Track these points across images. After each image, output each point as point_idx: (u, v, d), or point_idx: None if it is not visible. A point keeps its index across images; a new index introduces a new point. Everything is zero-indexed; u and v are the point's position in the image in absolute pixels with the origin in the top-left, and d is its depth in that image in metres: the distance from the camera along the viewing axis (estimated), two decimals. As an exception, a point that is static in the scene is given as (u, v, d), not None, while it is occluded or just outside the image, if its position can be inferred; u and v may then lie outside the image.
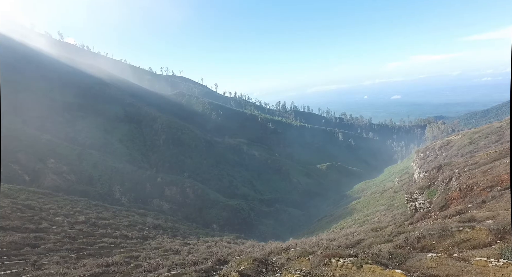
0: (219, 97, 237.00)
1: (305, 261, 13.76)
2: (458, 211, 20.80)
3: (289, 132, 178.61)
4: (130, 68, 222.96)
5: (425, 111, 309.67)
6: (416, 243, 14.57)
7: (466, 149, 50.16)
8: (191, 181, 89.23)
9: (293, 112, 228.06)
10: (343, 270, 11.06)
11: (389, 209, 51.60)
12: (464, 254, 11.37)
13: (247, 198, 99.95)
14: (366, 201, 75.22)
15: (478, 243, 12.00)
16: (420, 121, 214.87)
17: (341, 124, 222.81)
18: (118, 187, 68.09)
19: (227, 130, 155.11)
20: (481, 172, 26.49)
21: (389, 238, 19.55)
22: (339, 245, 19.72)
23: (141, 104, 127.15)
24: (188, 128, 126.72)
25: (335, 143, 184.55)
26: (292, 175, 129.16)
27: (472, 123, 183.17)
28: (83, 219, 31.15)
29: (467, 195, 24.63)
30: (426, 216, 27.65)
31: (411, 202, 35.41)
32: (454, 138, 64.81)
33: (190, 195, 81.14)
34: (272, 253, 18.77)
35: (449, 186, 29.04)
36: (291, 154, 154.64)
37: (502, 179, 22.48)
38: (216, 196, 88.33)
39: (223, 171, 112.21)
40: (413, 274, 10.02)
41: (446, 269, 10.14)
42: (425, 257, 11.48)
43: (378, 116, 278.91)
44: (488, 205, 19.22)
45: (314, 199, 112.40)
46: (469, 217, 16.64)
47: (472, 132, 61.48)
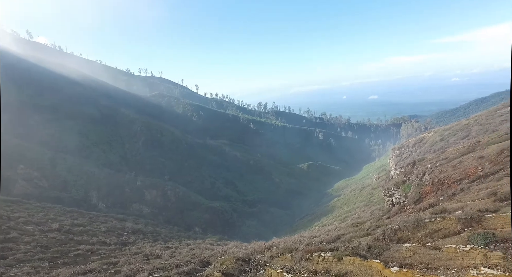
0: (200, 98, 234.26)
1: (288, 258, 13.91)
2: (431, 204, 21.86)
3: (270, 132, 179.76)
4: (106, 69, 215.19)
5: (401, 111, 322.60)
6: (393, 235, 15.14)
7: (437, 145, 52.78)
8: (172, 183, 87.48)
9: (274, 113, 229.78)
10: (324, 263, 11.29)
11: (368, 205, 53.24)
12: (436, 243, 11.96)
13: (229, 199, 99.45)
14: (346, 198, 77.16)
15: (448, 232, 12.67)
16: (395, 120, 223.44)
17: (321, 124, 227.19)
18: (95, 192, 65.47)
19: (209, 132, 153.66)
20: (451, 166, 27.99)
21: (368, 232, 20.20)
22: (321, 240, 20.11)
23: (118, 106, 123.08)
24: (168, 130, 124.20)
25: (316, 142, 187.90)
26: (274, 175, 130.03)
27: (443, 121, 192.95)
28: (57, 226, 29.68)
29: (439, 188, 25.92)
30: (402, 210, 28.83)
31: (388, 197, 36.76)
32: (427, 135, 68.04)
33: (172, 198, 79.51)
34: (255, 252, 18.83)
35: (423, 180, 30.43)
36: (273, 154, 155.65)
37: (469, 172, 23.87)
38: (198, 198, 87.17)
39: (205, 173, 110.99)
40: (390, 264, 10.40)
41: (420, 257, 10.63)
42: (401, 248, 11.97)
43: (357, 116, 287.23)
44: (457, 197, 20.33)
45: (296, 198, 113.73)
46: (441, 209, 17.53)
47: (443, 129, 64.86)
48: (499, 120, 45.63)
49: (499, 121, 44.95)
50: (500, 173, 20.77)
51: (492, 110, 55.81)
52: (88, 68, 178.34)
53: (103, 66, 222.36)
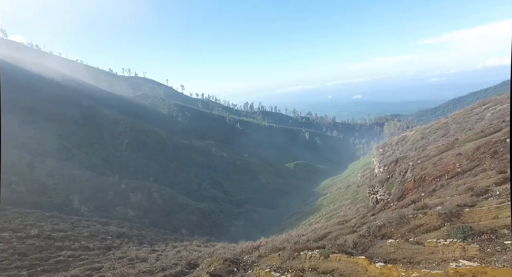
0: (185, 98, 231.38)
1: (276, 257, 13.97)
2: (413, 200, 22.55)
3: (257, 132, 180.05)
4: (87, 69, 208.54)
5: (384, 110, 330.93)
6: (378, 232, 15.51)
7: (419, 143, 54.48)
8: (158, 185, 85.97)
9: (261, 113, 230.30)
10: (311, 261, 11.41)
11: (353, 203, 54.29)
12: (419, 238, 12.35)
13: (217, 200, 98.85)
14: (332, 197, 78.37)
15: (430, 227, 13.11)
16: (379, 119, 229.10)
17: (307, 124, 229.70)
18: (77, 195, 63.37)
19: (195, 132, 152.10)
20: (432, 163, 28.96)
21: (354, 229, 20.61)
22: (308, 239, 20.34)
23: (100, 106, 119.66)
24: (153, 131, 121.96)
25: (302, 141, 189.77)
26: (261, 175, 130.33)
27: (424, 120, 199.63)
28: (36, 232, 28.52)
29: (420, 185, 26.77)
30: (386, 207, 29.59)
31: (373, 194, 37.61)
32: (408, 134, 70.14)
33: (157, 200, 78.12)
34: (243, 252, 18.80)
35: (405, 177, 31.33)
36: (260, 154, 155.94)
37: (448, 169, 24.79)
38: (185, 199, 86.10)
39: (192, 174, 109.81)
40: (375, 259, 10.63)
41: (403, 252, 10.94)
42: (385, 244, 12.27)
43: (342, 115, 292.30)
44: (437, 192, 21.07)
45: (283, 198, 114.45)
46: (422, 205, 18.13)
47: (423, 128, 67.07)
48: (475, 119, 47.65)
49: (475, 120, 46.93)
50: (477, 169, 21.69)
51: (469, 109, 58.22)
52: (68, 68, 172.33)
53: (84, 66, 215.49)
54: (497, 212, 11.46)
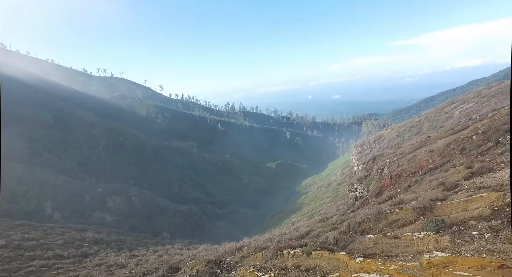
0: (165, 99, 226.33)
1: (259, 257, 14.01)
2: (390, 196, 23.40)
3: (239, 133, 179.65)
4: (59, 69, 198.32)
5: (362, 109, 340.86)
6: (357, 228, 15.97)
7: (394, 141, 56.68)
8: (137, 188, 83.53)
9: (242, 113, 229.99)
10: (294, 259, 11.56)
11: (333, 201, 55.52)
12: (395, 232, 12.85)
13: (198, 202, 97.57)
14: (313, 195, 79.73)
15: (405, 221, 13.68)
16: (357, 119, 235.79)
17: (288, 124, 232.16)
18: (50, 201, 60.20)
19: (175, 134, 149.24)
20: (407, 160, 30.22)
21: (335, 226, 21.09)
22: (290, 237, 20.57)
23: (74, 108, 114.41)
24: (131, 133, 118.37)
25: (283, 141, 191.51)
26: (244, 175, 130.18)
27: (399, 119, 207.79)
28: (3, 242, 26.84)
29: (396, 181, 27.85)
30: (365, 203, 30.49)
31: (352, 192, 38.66)
32: (385, 132, 72.76)
33: (137, 203, 75.89)
34: (226, 253, 18.69)
35: (382, 174, 32.47)
36: (241, 154, 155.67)
37: (422, 165, 25.97)
38: (166, 202, 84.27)
39: (172, 176, 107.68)
40: (355, 255, 10.94)
41: (381, 247, 11.34)
42: (365, 239, 12.66)
43: (322, 115, 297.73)
44: (412, 188, 22.02)
45: (266, 198, 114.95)
46: (398, 200, 18.86)
47: (398, 126, 69.86)
48: (445, 117, 50.30)
49: (445, 118, 49.55)
50: (447, 165, 22.87)
51: (439, 108, 61.37)
52: (38, 68, 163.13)
53: (55, 65, 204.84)
54: (466, 205, 12.15)
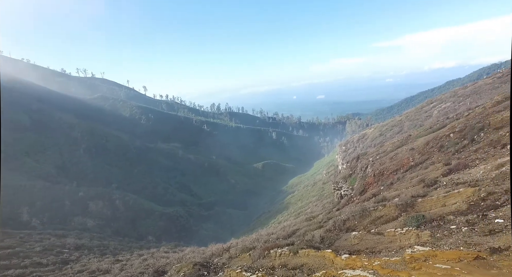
0: (149, 100, 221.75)
1: (246, 257, 14.00)
2: (373, 194, 23.99)
3: (225, 133, 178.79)
4: (36, 69, 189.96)
5: (345, 109, 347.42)
6: (342, 225, 16.26)
7: (377, 140, 58.16)
8: (120, 192, 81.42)
9: (228, 114, 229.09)
10: (281, 259, 11.63)
11: (319, 199, 56.33)
12: (379, 228, 13.19)
13: (185, 204, 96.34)
14: (299, 194, 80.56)
15: (388, 218, 14.07)
16: (341, 118, 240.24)
17: (274, 124, 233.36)
18: (26, 207, 57.65)
19: (160, 135, 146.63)
20: (389, 158, 31.08)
21: (321, 225, 21.39)
22: (278, 237, 20.68)
23: (53, 110, 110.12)
24: (114, 135, 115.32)
25: (269, 141, 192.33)
26: (230, 176, 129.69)
27: (381, 118, 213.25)
28: (-23, 251, 25.46)
29: (379, 179, 28.57)
30: (350, 201, 31.09)
31: (337, 190, 39.32)
32: (368, 131, 74.53)
33: (120, 207, 74.01)
34: (213, 255, 18.56)
35: (366, 172, 33.24)
36: (228, 155, 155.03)
37: (403, 163, 26.79)
38: (151, 205, 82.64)
39: (158, 178, 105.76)
40: (340, 252, 11.14)
41: (366, 243, 11.61)
42: (350, 236, 12.92)
43: (307, 115, 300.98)
44: (394, 185, 22.67)
45: (252, 198, 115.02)
46: (382, 198, 19.36)
47: (381, 125, 71.77)
48: (424, 116, 52.14)
49: (425, 117, 51.37)
50: (427, 162, 23.72)
51: (419, 107, 63.56)
52: (12, 68, 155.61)
53: (31, 65, 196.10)
54: (445, 200, 12.65)
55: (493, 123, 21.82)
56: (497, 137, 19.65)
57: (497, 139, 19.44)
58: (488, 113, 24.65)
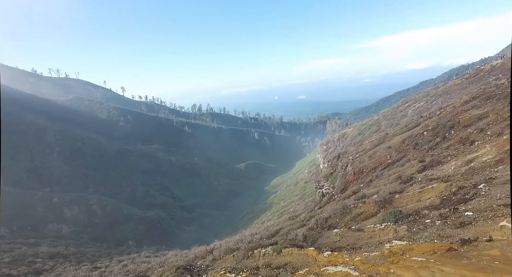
0: (127, 101, 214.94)
1: (230, 258, 13.94)
2: (353, 191, 24.65)
3: (207, 134, 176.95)
4: (2, 69, 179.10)
5: (326, 109, 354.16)
6: (324, 223, 16.56)
7: (356, 139, 59.79)
8: (98, 196, 78.37)
9: (210, 115, 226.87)
10: (265, 258, 11.67)
11: (302, 198, 57.07)
12: (359, 225, 13.57)
13: (166, 207, 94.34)
14: (282, 194, 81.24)
15: (368, 214, 14.51)
16: (322, 118, 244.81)
17: (256, 124, 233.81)
18: (-5, 216, 54.16)
19: (139, 137, 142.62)
20: (368, 156, 32.05)
21: (303, 223, 21.68)
22: (261, 237, 20.75)
23: (23, 112, 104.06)
24: (90, 137, 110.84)
25: (252, 142, 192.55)
26: (212, 177, 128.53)
27: (360, 118, 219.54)
28: None
29: (359, 177, 29.40)
30: (331, 199, 31.77)
31: (319, 189, 40.04)
32: (348, 131, 76.48)
33: (98, 212, 71.25)
34: (196, 258, 18.33)
35: (346, 171, 34.08)
36: (210, 156, 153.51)
37: (381, 160, 27.73)
38: (131, 209, 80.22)
39: (137, 181, 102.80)
40: (323, 249, 11.34)
41: (347, 240, 11.90)
42: (332, 233, 13.19)
43: (288, 115, 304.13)
44: (373, 183, 23.41)
45: (236, 199, 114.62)
46: (361, 195, 19.94)
47: (360, 125, 73.88)
48: (400, 115, 54.24)
49: (400, 116, 53.43)
50: (403, 160, 24.70)
51: (395, 107, 66.06)
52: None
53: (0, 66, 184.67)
54: (420, 196, 13.22)
55: (462, 121, 23.09)
56: (466, 134, 20.79)
57: (466, 136, 20.57)
58: (458, 112, 26.06)
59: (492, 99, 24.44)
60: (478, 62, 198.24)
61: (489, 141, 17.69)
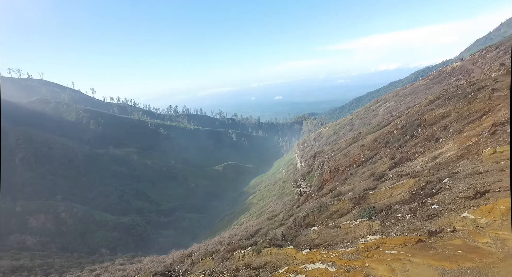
0: (98, 103, 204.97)
1: (209, 261, 13.77)
2: (330, 189, 25.33)
3: (183, 136, 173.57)
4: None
5: (302, 109, 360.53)
6: (303, 221, 16.85)
7: (332, 138, 61.53)
8: (67, 203, 74.17)
9: (186, 116, 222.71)
10: (245, 259, 11.65)
11: (280, 198, 57.70)
12: (336, 222, 13.95)
13: (142, 212, 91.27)
14: (261, 194, 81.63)
15: (344, 211, 14.96)
16: (298, 118, 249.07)
17: (233, 125, 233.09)
18: None
19: (112, 140, 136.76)
20: (343, 155, 33.07)
21: (282, 222, 21.92)
22: (240, 238, 20.69)
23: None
24: (57, 141, 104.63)
25: (229, 143, 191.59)
26: (190, 180, 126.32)
27: (334, 117, 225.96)
28: None
29: (335, 175, 30.25)
30: (309, 198, 32.40)
31: (297, 188, 40.69)
32: (323, 130, 78.52)
33: (67, 220, 67.42)
34: (174, 262, 17.93)
35: (323, 169, 34.92)
36: (187, 158, 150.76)
37: (355, 159, 28.73)
38: (103, 215, 76.71)
39: (111, 186, 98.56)
40: (301, 247, 11.52)
41: (324, 237, 12.19)
42: (310, 231, 13.45)
43: (265, 116, 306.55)
44: (348, 180, 24.20)
45: (214, 201, 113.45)
46: (337, 192, 20.54)
47: (334, 124, 76.12)
48: (372, 115, 56.58)
49: (372, 115, 55.76)
50: (376, 157, 25.76)
51: (367, 106, 68.82)
52: None
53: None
54: (391, 192, 13.86)
55: (428, 120, 24.53)
56: (431, 132, 22.11)
57: (431, 134, 21.87)
58: (424, 111, 27.66)
59: (453, 99, 26.21)
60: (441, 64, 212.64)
61: (452, 138, 18.96)
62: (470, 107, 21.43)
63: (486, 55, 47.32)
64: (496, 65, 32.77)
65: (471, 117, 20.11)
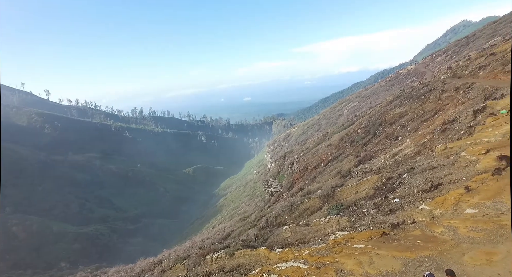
0: (54, 106, 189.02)
1: (181, 267, 13.41)
2: (300, 188, 25.95)
3: (150, 139, 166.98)
4: None
5: (270, 110, 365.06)
6: (274, 221, 17.06)
7: (300, 138, 63.17)
8: (19, 216, 67.68)
9: (152, 119, 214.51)
10: (218, 263, 11.51)
11: (251, 199, 57.84)
12: (307, 220, 14.33)
13: (106, 220, 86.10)
14: (232, 196, 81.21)
15: (314, 209, 15.42)
16: (267, 119, 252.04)
17: (203, 127, 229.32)
18: None
19: (71, 145, 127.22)
20: (311, 154, 34.07)
21: (254, 223, 22.01)
22: (213, 241, 20.40)
23: None
24: (7, 148, 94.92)
25: (199, 145, 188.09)
26: (159, 184, 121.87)
27: (302, 118, 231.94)
28: None
29: (304, 174, 31.06)
30: (280, 197, 32.89)
31: (268, 188, 41.10)
32: (292, 130, 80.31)
33: (20, 234, 61.54)
34: (143, 271, 17.21)
35: (293, 169, 35.70)
36: (155, 162, 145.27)
37: (323, 157, 29.75)
38: (63, 226, 71.18)
39: (70, 195, 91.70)
40: (274, 247, 11.66)
41: (296, 235, 12.46)
42: (282, 231, 13.66)
43: (235, 117, 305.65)
44: (317, 179, 24.99)
45: (184, 205, 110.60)
46: (307, 191, 21.11)
47: (303, 125, 78.23)
48: (337, 115, 59.08)
49: (338, 116, 58.24)
50: (342, 156, 26.90)
51: (333, 107, 71.75)
52: None
53: None
54: (357, 188, 14.56)
55: (388, 119, 26.19)
56: (391, 131, 23.62)
57: (391, 132, 23.36)
58: (384, 111, 29.48)
59: (409, 99, 28.31)
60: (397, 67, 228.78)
61: (409, 136, 20.45)
62: (423, 107, 23.29)
63: (436, 59, 51.83)
64: (444, 69, 35.99)
65: (425, 116, 21.87)
